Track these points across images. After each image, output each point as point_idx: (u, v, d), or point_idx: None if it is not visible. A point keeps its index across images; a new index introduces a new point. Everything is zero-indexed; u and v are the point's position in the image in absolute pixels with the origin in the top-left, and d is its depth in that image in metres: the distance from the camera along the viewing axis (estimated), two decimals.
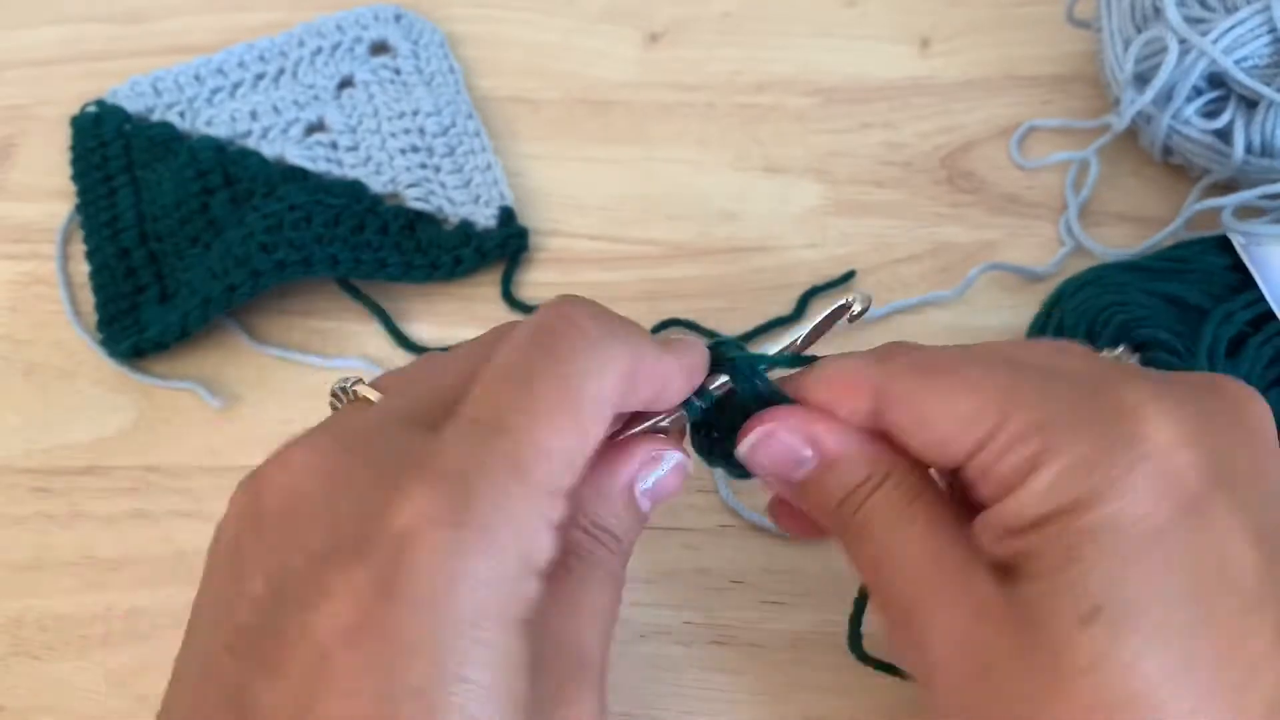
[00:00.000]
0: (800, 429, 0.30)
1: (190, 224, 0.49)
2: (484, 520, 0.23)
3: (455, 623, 0.23)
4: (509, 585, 0.24)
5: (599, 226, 0.51)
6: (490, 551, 0.23)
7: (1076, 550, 0.26)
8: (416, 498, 0.23)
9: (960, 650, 0.27)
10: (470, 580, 0.23)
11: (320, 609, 0.23)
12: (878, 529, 0.29)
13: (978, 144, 0.52)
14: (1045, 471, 0.26)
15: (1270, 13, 0.44)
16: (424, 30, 0.57)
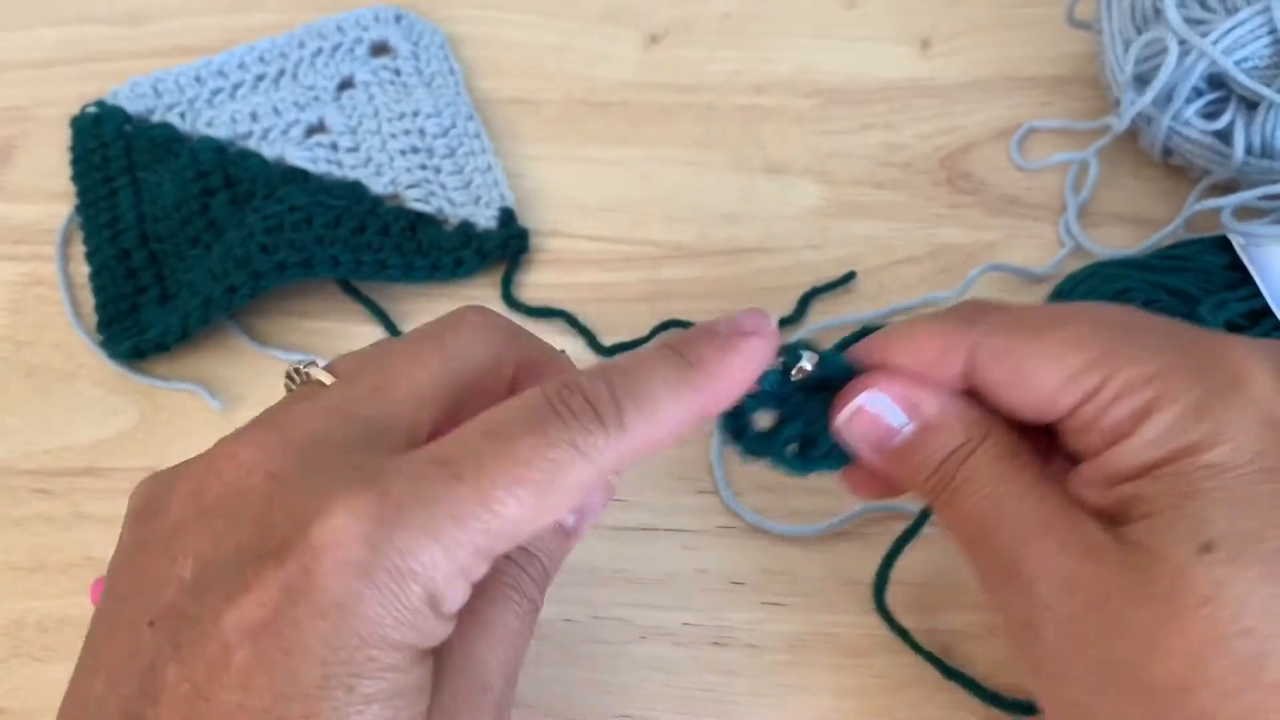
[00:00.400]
0: (900, 396, 0.30)
1: (191, 225, 0.49)
2: (398, 549, 0.24)
3: (349, 634, 0.24)
4: (408, 615, 0.24)
5: (599, 227, 0.51)
6: (398, 581, 0.24)
7: (1192, 488, 0.26)
8: (342, 513, 0.24)
9: (1072, 587, 0.27)
10: (369, 600, 0.24)
11: (234, 602, 0.24)
12: (980, 485, 0.29)
13: (978, 145, 0.52)
14: (1160, 418, 0.27)
15: (1270, 14, 0.44)
16: (424, 31, 0.57)
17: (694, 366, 0.28)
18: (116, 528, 0.42)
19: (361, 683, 0.24)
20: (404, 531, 0.24)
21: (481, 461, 0.25)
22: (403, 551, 0.24)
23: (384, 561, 0.24)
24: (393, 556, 0.24)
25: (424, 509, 0.24)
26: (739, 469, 0.43)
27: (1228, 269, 0.41)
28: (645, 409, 0.27)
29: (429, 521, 0.24)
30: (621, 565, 0.41)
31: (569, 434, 0.26)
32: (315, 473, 0.26)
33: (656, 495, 0.42)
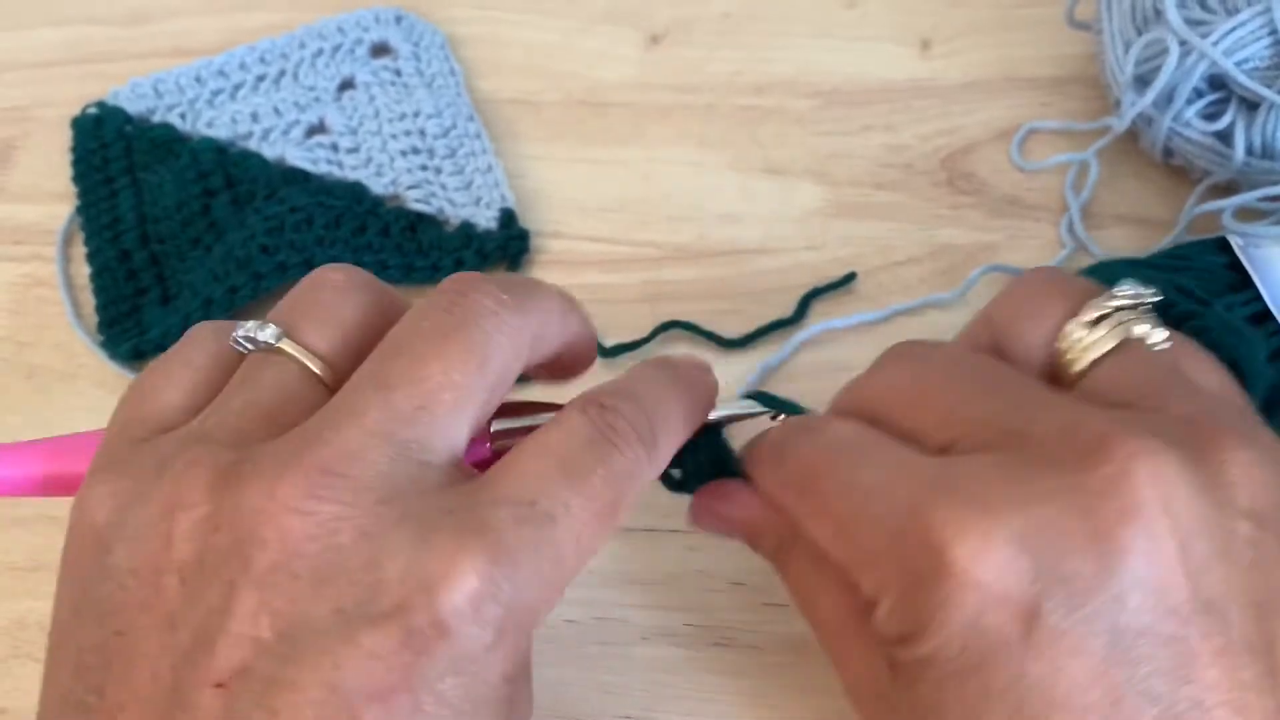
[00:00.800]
0: (714, 511, 0.35)
1: (191, 226, 0.49)
2: (525, 607, 0.25)
3: (487, 686, 0.24)
4: (524, 656, 0.26)
5: (600, 228, 0.51)
6: (521, 632, 0.25)
7: (911, 678, 0.27)
8: (471, 575, 0.24)
9: (859, 687, 0.30)
10: (503, 653, 0.25)
11: (347, 667, 0.23)
12: (796, 583, 0.33)
13: (978, 146, 0.52)
14: (883, 602, 0.27)
15: (1271, 14, 0.44)
16: (425, 32, 0.57)
17: (697, 388, 0.32)
18: None
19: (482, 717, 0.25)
20: (523, 584, 0.24)
21: (568, 501, 0.26)
22: (523, 604, 0.24)
23: (509, 617, 0.24)
24: (516, 610, 0.24)
25: (533, 556, 0.25)
26: None
27: (1228, 269, 0.41)
28: (669, 432, 0.29)
29: (540, 568, 0.25)
30: (623, 566, 0.41)
31: (625, 464, 0.27)
32: (410, 524, 0.24)
33: (658, 497, 0.42)
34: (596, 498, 0.26)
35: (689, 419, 0.31)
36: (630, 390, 0.29)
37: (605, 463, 0.27)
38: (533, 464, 0.26)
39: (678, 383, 0.31)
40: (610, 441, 0.27)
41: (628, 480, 0.27)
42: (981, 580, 0.24)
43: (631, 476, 0.27)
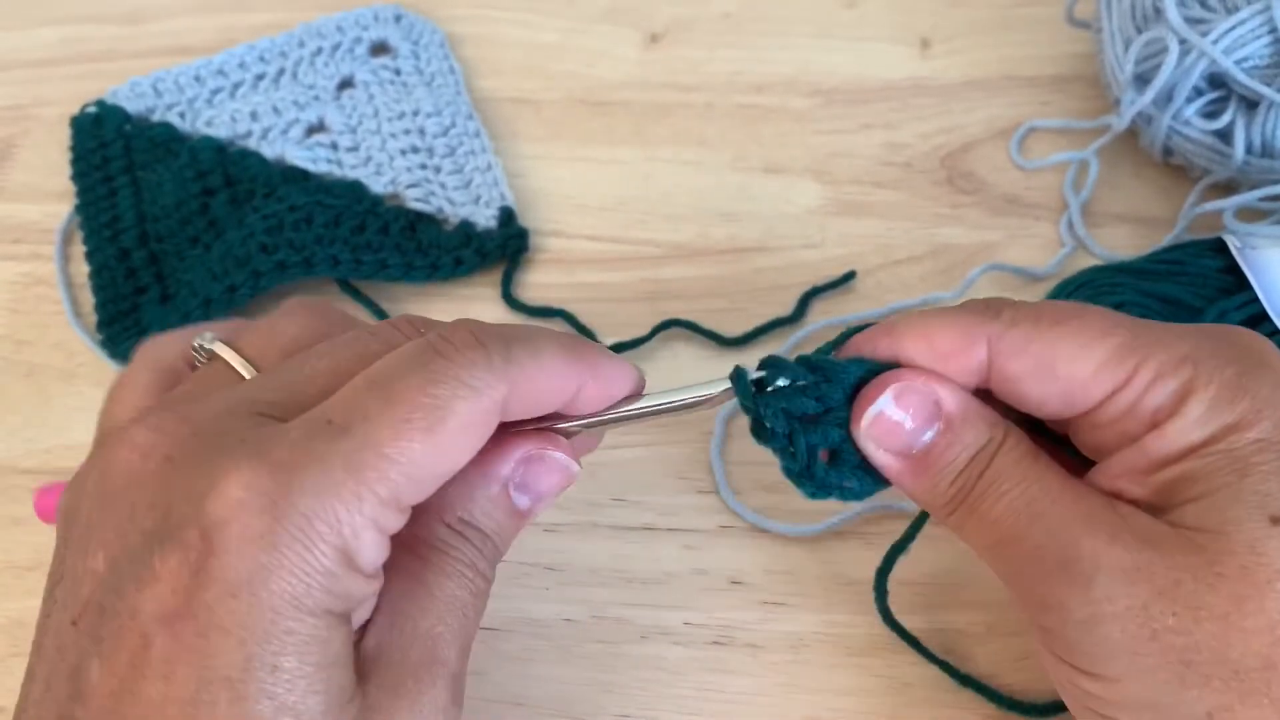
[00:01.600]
0: (924, 389, 0.29)
1: (191, 225, 0.49)
2: (301, 510, 0.24)
3: (265, 611, 0.23)
4: (322, 579, 0.24)
5: (599, 227, 0.51)
6: (305, 543, 0.24)
7: (1246, 464, 0.26)
8: (235, 485, 0.24)
9: (1136, 577, 0.26)
10: (280, 571, 0.24)
11: (145, 591, 0.24)
12: (1009, 486, 0.28)
13: (978, 144, 0.52)
14: (1201, 396, 0.27)
15: (1270, 13, 0.44)
16: (424, 31, 0.57)
17: (582, 346, 0.29)
18: None
19: (283, 659, 0.24)
20: (301, 495, 0.24)
21: (367, 411, 0.25)
22: (305, 515, 0.24)
23: (287, 528, 0.24)
24: (295, 521, 0.24)
25: (317, 468, 0.24)
26: (739, 469, 0.43)
27: (1223, 272, 0.41)
28: (532, 352, 0.27)
29: (324, 479, 0.24)
30: (622, 565, 0.41)
31: (453, 369, 0.26)
32: (208, 450, 0.25)
33: (657, 495, 0.42)
34: (402, 403, 0.25)
35: (571, 362, 0.29)
36: (502, 325, 0.28)
37: (422, 370, 0.26)
38: (351, 384, 0.26)
39: (564, 336, 0.29)
40: (435, 350, 0.26)
41: (454, 385, 0.26)
42: None
43: (461, 382, 0.26)
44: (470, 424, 0.26)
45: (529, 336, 0.28)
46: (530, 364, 0.27)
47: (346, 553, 0.24)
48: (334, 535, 0.24)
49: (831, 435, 0.30)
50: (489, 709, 0.38)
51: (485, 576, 0.30)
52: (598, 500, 0.43)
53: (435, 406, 0.25)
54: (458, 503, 0.29)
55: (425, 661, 0.27)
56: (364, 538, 0.25)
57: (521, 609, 0.40)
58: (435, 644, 0.27)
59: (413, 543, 0.28)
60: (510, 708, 0.38)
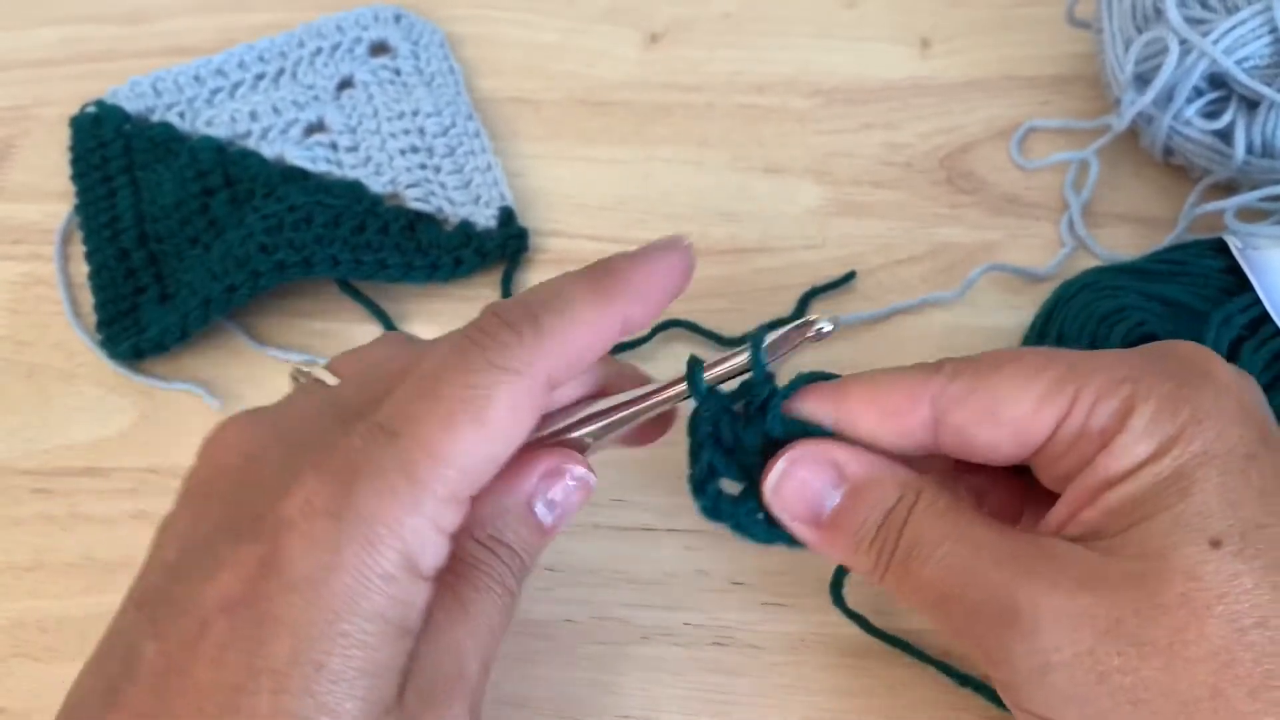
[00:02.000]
0: (823, 457, 0.30)
1: (190, 225, 0.49)
2: (363, 515, 0.24)
3: (323, 610, 0.24)
4: (383, 583, 0.25)
5: (599, 227, 0.50)
6: (366, 546, 0.24)
7: (1191, 479, 0.26)
8: (304, 489, 0.25)
9: (1078, 621, 0.26)
10: (342, 571, 0.24)
11: (210, 580, 0.25)
12: (937, 545, 0.28)
13: (978, 144, 0.52)
14: (1142, 410, 0.27)
15: (1271, 13, 0.43)
16: (424, 31, 0.57)
17: (608, 271, 0.29)
18: (115, 528, 0.43)
19: (331, 659, 0.24)
20: (363, 499, 0.24)
21: (414, 412, 0.26)
22: (367, 517, 0.24)
23: (350, 531, 0.24)
24: (358, 525, 0.24)
25: (374, 472, 0.25)
26: None
27: (1225, 273, 0.41)
28: (561, 312, 0.28)
29: (383, 482, 0.25)
30: (622, 566, 0.41)
31: (486, 355, 0.26)
32: (287, 452, 0.26)
33: (657, 496, 0.42)
34: (445, 399, 0.26)
35: (604, 303, 0.28)
36: (531, 289, 0.29)
37: (459, 365, 0.26)
38: (402, 387, 0.27)
39: (591, 273, 0.29)
40: (471, 340, 0.27)
41: (492, 372, 0.26)
42: (1236, 383, 0.28)
43: (498, 367, 0.26)
44: (516, 405, 0.27)
45: (555, 295, 0.28)
46: (564, 328, 0.27)
47: (408, 555, 0.25)
48: (395, 539, 0.25)
49: (731, 471, 0.31)
50: (489, 710, 0.38)
51: (513, 593, 0.30)
52: (598, 501, 0.42)
53: (477, 397, 0.26)
54: (487, 520, 0.30)
55: (453, 675, 0.27)
56: (427, 540, 0.25)
57: (522, 610, 0.40)
58: (464, 658, 0.28)
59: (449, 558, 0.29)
60: (511, 709, 0.38)
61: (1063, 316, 0.41)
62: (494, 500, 0.30)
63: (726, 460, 0.31)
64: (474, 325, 0.27)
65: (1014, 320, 0.47)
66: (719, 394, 0.31)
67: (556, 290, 0.28)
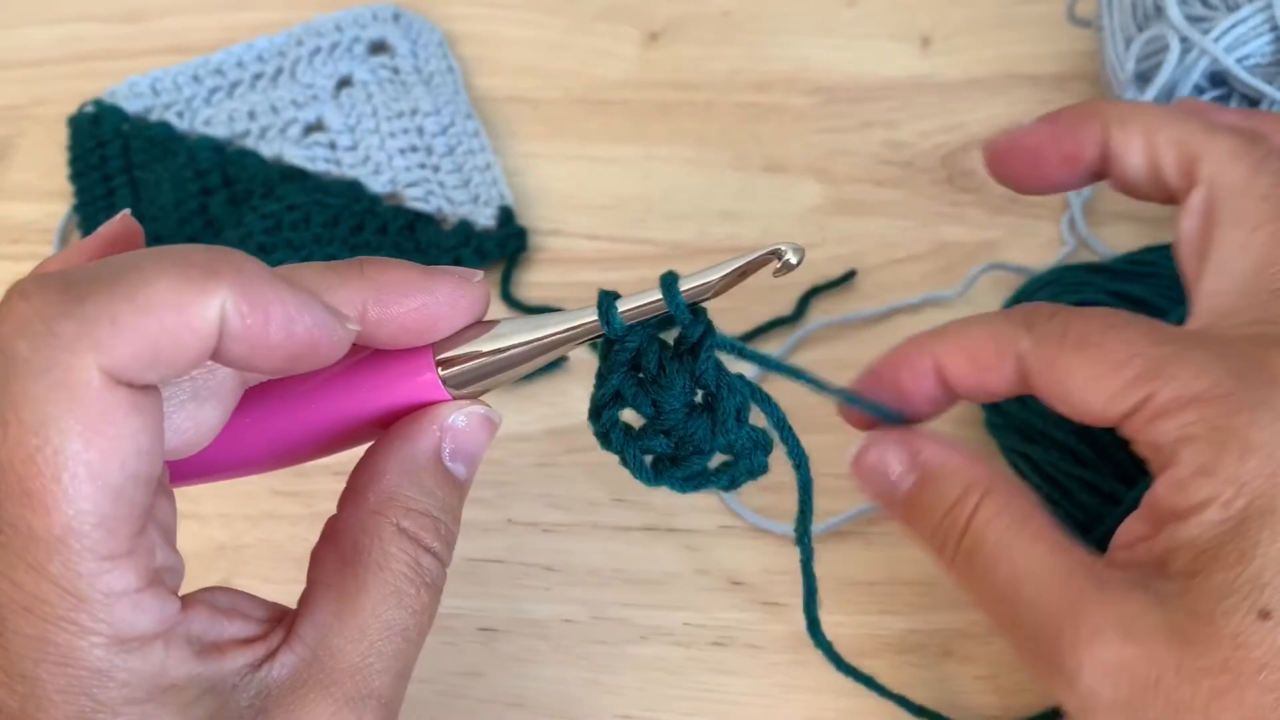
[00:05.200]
0: (902, 439, 0.30)
1: (189, 224, 0.49)
2: (19, 640, 0.22)
3: (70, 710, 0.22)
4: (99, 677, 0.23)
5: (598, 226, 0.50)
6: (55, 669, 0.22)
7: (1248, 539, 0.25)
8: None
9: (1118, 673, 0.26)
10: (58, 681, 0.22)
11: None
12: (990, 554, 0.28)
13: (979, 143, 0.52)
14: (1200, 448, 0.26)
15: (1271, 11, 0.43)
16: (422, 30, 0.56)
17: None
18: None
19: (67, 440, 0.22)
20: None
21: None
22: (22, 643, 0.22)
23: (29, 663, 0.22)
24: (28, 654, 0.22)
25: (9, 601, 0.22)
26: None
27: None
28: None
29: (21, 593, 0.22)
30: (622, 565, 0.41)
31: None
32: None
33: (657, 496, 0.42)
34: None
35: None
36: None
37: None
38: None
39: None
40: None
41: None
42: None
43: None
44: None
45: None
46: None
47: (113, 638, 0.23)
48: (92, 625, 0.22)
49: (640, 404, 0.28)
50: (489, 709, 0.38)
51: (432, 587, 0.27)
52: (598, 501, 0.42)
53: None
54: (395, 491, 0.27)
55: (352, 697, 0.25)
56: (122, 604, 0.23)
57: (521, 609, 0.40)
58: (367, 676, 0.25)
59: (347, 553, 0.26)
60: (510, 708, 0.38)
61: None
62: (399, 469, 0.27)
63: (637, 390, 0.28)
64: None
65: None
66: (646, 325, 0.28)
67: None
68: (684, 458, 0.29)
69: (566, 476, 0.43)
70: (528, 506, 0.42)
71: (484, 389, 0.28)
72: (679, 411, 0.28)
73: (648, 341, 0.28)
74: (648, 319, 0.28)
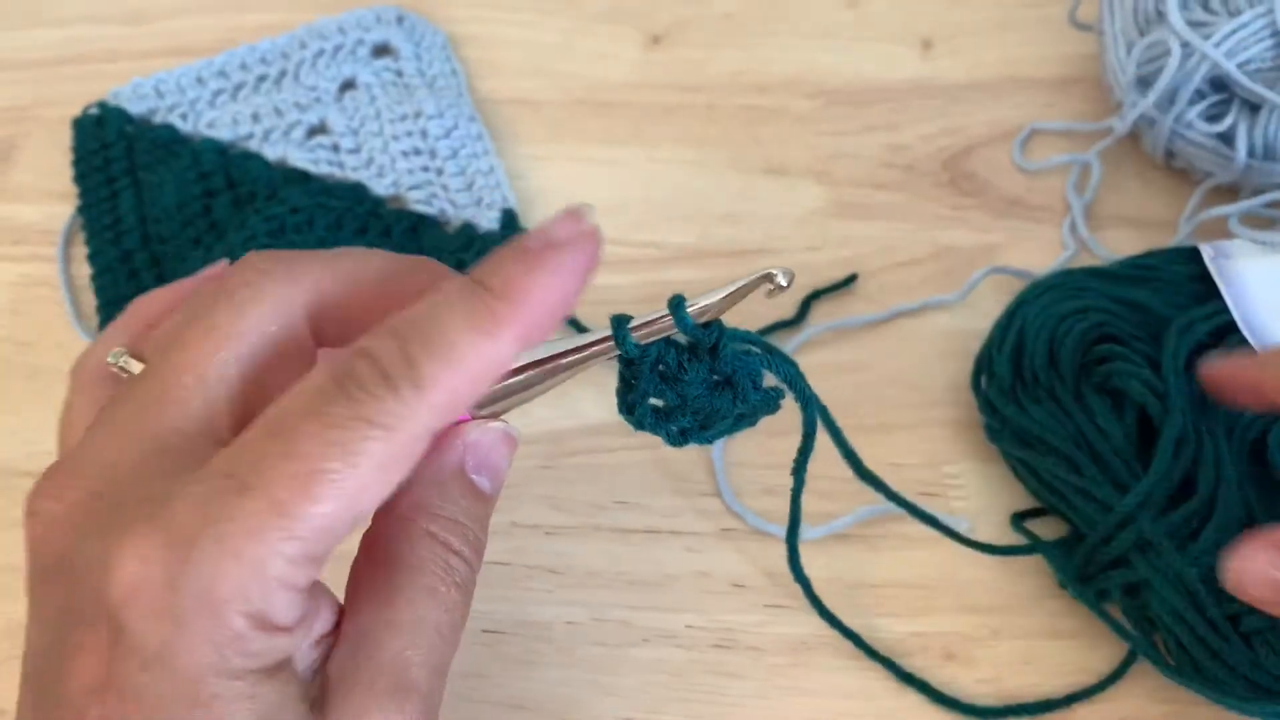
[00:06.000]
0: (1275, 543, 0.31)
1: (192, 226, 0.49)
2: (202, 583, 0.22)
3: (181, 681, 0.23)
4: (236, 643, 0.23)
5: (601, 228, 0.50)
6: (209, 615, 0.23)
7: None
8: (132, 560, 0.23)
9: None
10: (188, 642, 0.23)
11: (72, 664, 0.23)
12: None
13: (980, 146, 0.52)
14: None
15: (1273, 16, 0.43)
16: (426, 32, 0.57)
17: (498, 295, 0.25)
18: None
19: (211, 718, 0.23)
20: (199, 564, 0.22)
21: (266, 466, 0.23)
22: (205, 583, 0.22)
23: (187, 601, 0.22)
24: (195, 593, 0.22)
25: (215, 532, 0.22)
26: (741, 472, 0.43)
27: (1194, 280, 0.41)
28: (442, 356, 0.24)
29: (222, 545, 0.22)
30: (623, 568, 0.41)
31: (355, 409, 0.23)
32: (111, 514, 0.24)
33: (659, 498, 0.42)
34: (302, 456, 0.23)
35: (494, 334, 0.24)
36: (401, 319, 0.25)
37: (319, 416, 0.23)
38: (250, 431, 0.24)
39: (476, 296, 0.25)
40: (339, 388, 0.23)
41: (362, 428, 0.23)
42: None
43: (370, 423, 0.23)
44: (386, 465, 0.24)
45: (435, 334, 0.24)
46: (446, 377, 0.24)
47: (257, 616, 0.23)
48: (240, 602, 0.23)
49: (666, 395, 0.30)
50: (490, 712, 0.38)
51: (463, 587, 0.28)
52: (600, 503, 0.43)
53: (340, 455, 0.23)
54: (426, 501, 0.28)
55: (392, 689, 0.26)
56: (274, 600, 0.23)
57: (523, 611, 0.40)
58: (405, 669, 0.26)
59: (382, 558, 0.27)
60: (512, 710, 0.38)
61: (1024, 315, 0.42)
62: (425, 479, 0.28)
63: (662, 386, 0.30)
64: (343, 368, 0.24)
65: None
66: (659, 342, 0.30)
67: (436, 326, 0.24)
68: (710, 424, 0.31)
69: (568, 479, 0.43)
70: (530, 509, 0.43)
71: (503, 409, 0.30)
72: (703, 395, 0.30)
73: (664, 348, 0.30)
74: (647, 340, 0.30)
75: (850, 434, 0.35)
